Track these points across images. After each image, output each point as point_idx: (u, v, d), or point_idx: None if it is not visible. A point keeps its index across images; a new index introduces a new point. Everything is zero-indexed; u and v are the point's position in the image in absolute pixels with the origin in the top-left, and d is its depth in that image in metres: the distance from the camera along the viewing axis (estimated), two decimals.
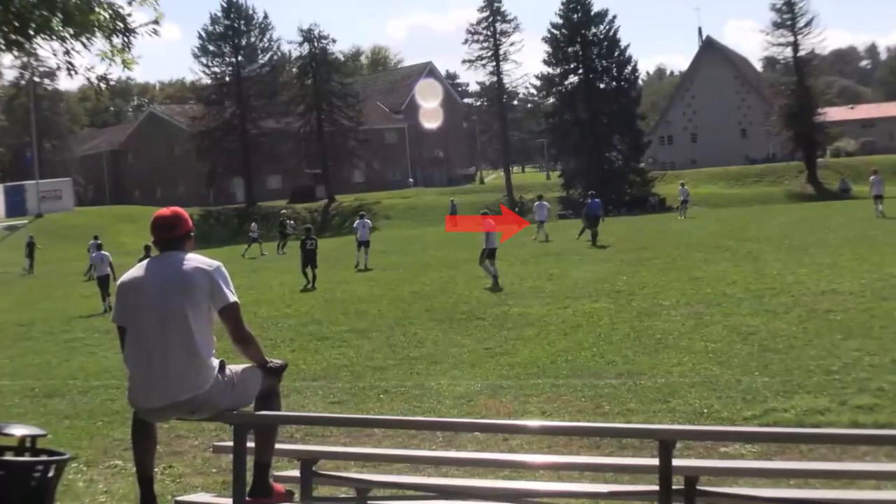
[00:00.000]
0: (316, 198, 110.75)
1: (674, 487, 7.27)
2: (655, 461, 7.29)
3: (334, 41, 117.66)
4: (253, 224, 71.02)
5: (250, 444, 8.26)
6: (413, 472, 10.27)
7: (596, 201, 52.62)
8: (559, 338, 21.77)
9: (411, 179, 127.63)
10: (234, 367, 8.18)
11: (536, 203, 57.75)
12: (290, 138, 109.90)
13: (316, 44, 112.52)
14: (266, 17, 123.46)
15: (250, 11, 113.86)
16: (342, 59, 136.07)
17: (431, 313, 26.98)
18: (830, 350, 18.23)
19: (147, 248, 36.20)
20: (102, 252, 39.07)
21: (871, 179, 56.14)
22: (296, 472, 9.08)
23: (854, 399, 14.43)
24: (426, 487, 8.91)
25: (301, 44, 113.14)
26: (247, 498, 8.12)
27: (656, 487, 7.21)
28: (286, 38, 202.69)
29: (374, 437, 13.49)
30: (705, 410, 14.35)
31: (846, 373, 16.21)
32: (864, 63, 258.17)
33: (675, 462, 7.34)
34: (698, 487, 7.72)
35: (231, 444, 8.27)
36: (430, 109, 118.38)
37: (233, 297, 7.99)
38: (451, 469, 10.85)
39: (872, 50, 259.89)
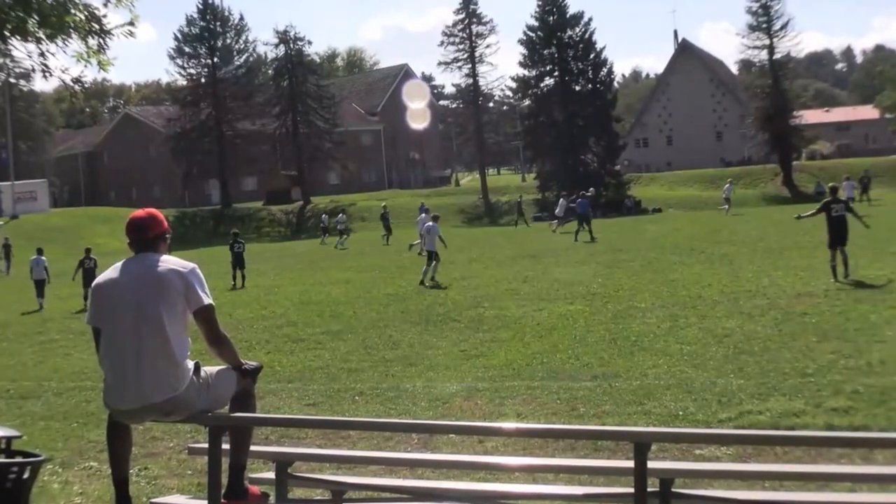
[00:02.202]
0: (291, 199, 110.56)
1: (649, 489, 7.30)
2: (631, 463, 7.31)
3: (310, 43, 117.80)
4: (338, 216, 71.29)
5: (225, 446, 8.26)
6: (388, 473, 10.28)
7: (584, 201, 53.84)
8: (535, 340, 21.79)
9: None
10: (209, 369, 8.18)
11: (561, 200, 58.99)
12: (265, 140, 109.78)
13: (292, 45, 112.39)
14: (242, 18, 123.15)
15: (226, 13, 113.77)
16: (318, 60, 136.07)
17: (407, 315, 26.98)
18: (805, 352, 18.29)
19: (87, 251, 36.92)
20: (41, 257, 39.47)
21: (843, 185, 56.56)
22: (271, 474, 9.08)
23: (829, 401, 14.48)
24: (401, 489, 8.92)
25: (277, 45, 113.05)
26: (222, 500, 8.12)
27: (631, 490, 7.23)
28: (262, 39, 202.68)
29: (349, 439, 13.49)
30: (680, 413, 14.38)
31: (821, 375, 16.27)
32: (839, 66, 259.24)
33: (651, 464, 7.36)
34: (673, 490, 7.75)
35: (206, 445, 8.27)
36: (417, 110, 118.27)
37: (207, 299, 7.98)
38: (426, 471, 10.86)
39: (848, 53, 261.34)
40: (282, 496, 8.75)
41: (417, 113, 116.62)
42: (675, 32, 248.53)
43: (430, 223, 36.95)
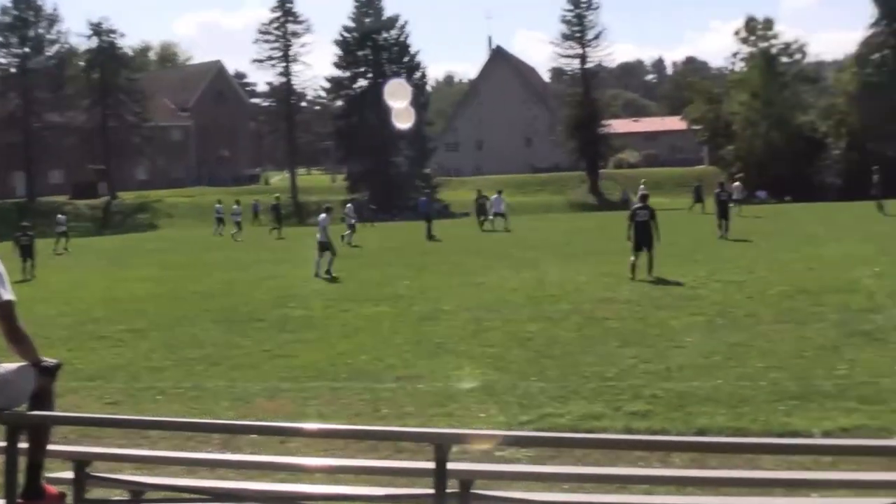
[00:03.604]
0: (98, 194, 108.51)
1: (449, 490, 7.38)
2: (431, 465, 7.38)
3: (123, 35, 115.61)
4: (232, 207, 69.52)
5: (23, 445, 8.12)
6: (188, 474, 10.21)
7: (423, 199, 54.83)
8: (339, 341, 21.83)
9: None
10: (6, 366, 8.02)
11: (494, 197, 58.60)
12: (73, 133, 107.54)
13: (104, 37, 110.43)
14: (56, 9, 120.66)
15: (39, 2, 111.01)
16: (131, 54, 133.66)
17: (212, 314, 26.77)
18: (606, 357, 18.67)
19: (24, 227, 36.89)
20: None
21: (640, 189, 57.89)
22: (69, 474, 8.94)
23: (628, 405, 14.83)
24: (201, 490, 8.88)
25: (89, 37, 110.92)
26: (18, 500, 7.97)
27: (432, 490, 7.31)
28: (75, 30, 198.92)
29: (149, 439, 13.35)
30: (482, 415, 14.56)
31: (621, 379, 16.63)
32: (650, 77, 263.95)
33: (450, 466, 7.44)
34: (473, 491, 7.85)
35: (3, 444, 8.12)
36: (400, 109, 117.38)
37: (7, 295, 7.82)
38: (226, 471, 10.81)
39: (659, 64, 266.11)
40: (80, 496, 8.63)
41: (401, 112, 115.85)
42: (490, 39, 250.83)
43: (323, 215, 37.45)
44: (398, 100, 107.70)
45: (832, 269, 29.74)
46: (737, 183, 64.94)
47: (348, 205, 53.51)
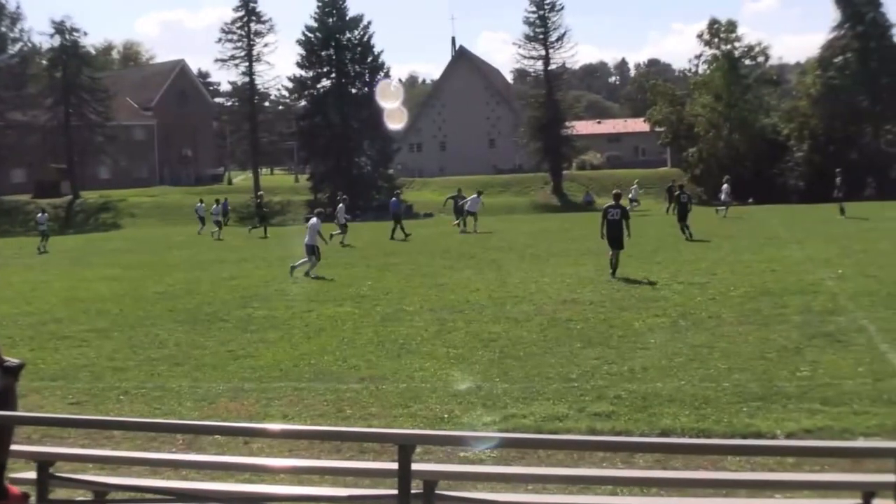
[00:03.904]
0: (61, 193, 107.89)
1: (413, 491, 7.39)
2: (395, 465, 7.39)
3: (86, 34, 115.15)
4: (213, 206, 68.34)
5: None
6: (152, 474, 10.19)
7: (393, 200, 55.15)
8: (303, 341, 21.81)
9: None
10: None
11: (473, 196, 58.14)
12: (36, 131, 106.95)
13: (67, 36, 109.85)
14: (18, 7, 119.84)
15: (2, 1, 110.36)
16: (93, 52, 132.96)
17: (175, 314, 26.68)
18: (570, 358, 18.72)
19: None
20: None
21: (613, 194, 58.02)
22: (32, 474, 8.91)
23: (592, 406, 14.87)
24: (165, 491, 8.86)
25: (52, 35, 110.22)
26: None
27: (396, 491, 7.31)
28: (38, 29, 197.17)
29: (112, 439, 13.31)
30: (446, 415, 14.58)
31: (585, 380, 16.68)
32: (613, 79, 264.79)
33: (415, 466, 7.46)
34: (437, 491, 7.86)
35: None
36: (392, 110, 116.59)
37: None
38: (190, 472, 10.79)
39: (622, 66, 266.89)
40: (43, 497, 8.60)
41: (393, 113, 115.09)
42: (453, 40, 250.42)
43: (314, 219, 37.11)
44: (389, 100, 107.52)
45: (795, 271, 29.91)
46: (725, 185, 65.47)
47: (340, 205, 52.95)
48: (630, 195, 66.10)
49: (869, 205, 62.62)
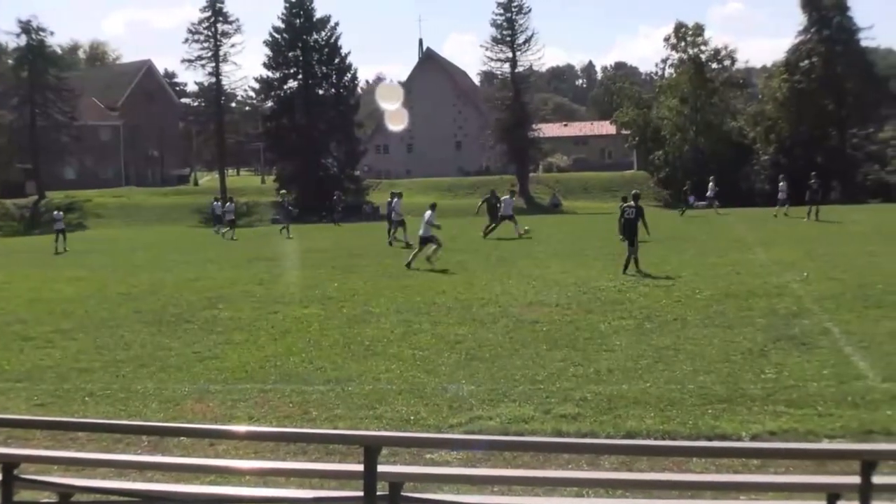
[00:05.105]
0: (26, 193, 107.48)
1: (379, 493, 7.40)
2: (361, 467, 7.40)
3: (52, 34, 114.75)
4: (226, 205, 67.02)
5: None
6: (118, 476, 10.16)
7: (389, 201, 55.09)
8: (268, 343, 21.79)
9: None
10: None
11: (506, 198, 57.33)
12: (1, 131, 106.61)
13: (34, 36, 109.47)
14: None
15: None
16: (60, 52, 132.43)
17: (140, 315, 26.58)
18: (536, 360, 18.77)
19: None
20: None
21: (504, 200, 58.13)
22: None
23: (557, 408, 14.92)
24: (130, 492, 8.84)
25: (19, 35, 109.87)
26: None
27: (361, 493, 7.32)
28: (4, 28, 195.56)
29: (78, 441, 13.27)
30: (412, 417, 14.60)
31: (550, 382, 16.73)
32: (580, 82, 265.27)
33: (381, 468, 7.47)
34: (402, 493, 7.86)
35: None
36: (393, 112, 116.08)
37: None
38: (156, 474, 10.76)
39: (589, 69, 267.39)
40: (7, 498, 8.56)
41: (395, 115, 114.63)
42: (421, 41, 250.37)
43: (428, 212, 37.76)
44: (390, 101, 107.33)
45: (759, 273, 30.02)
46: (711, 184, 66.33)
47: (395, 199, 51.08)
48: (709, 193, 67.42)
49: (834, 208, 62.85)
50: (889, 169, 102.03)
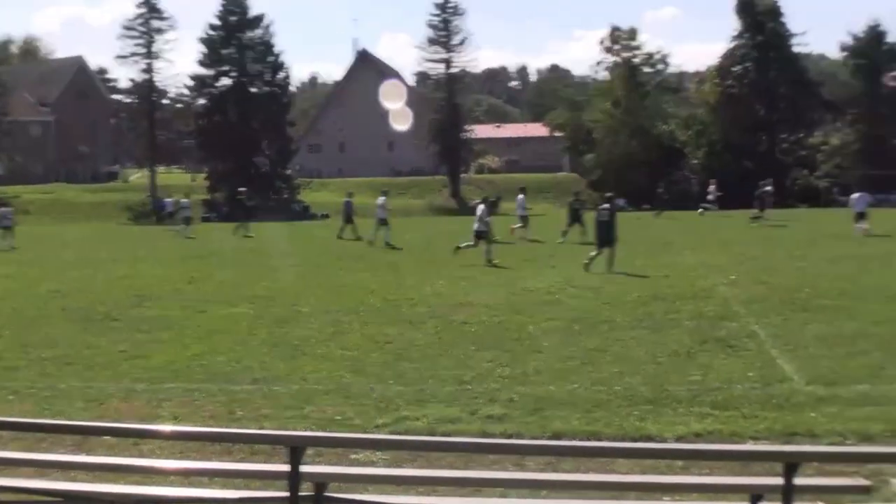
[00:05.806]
0: None
1: (303, 493, 7.39)
2: (286, 467, 7.38)
3: None
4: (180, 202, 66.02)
5: None
6: (40, 476, 10.07)
7: (347, 200, 54.95)
8: (195, 342, 21.67)
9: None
10: None
11: (520, 197, 56.29)
12: None
13: None
14: None
15: None
16: None
17: (68, 313, 26.36)
18: (464, 361, 18.82)
19: None
20: None
21: (518, 199, 57.94)
22: None
23: (484, 409, 14.96)
24: (53, 492, 8.77)
25: None
26: None
27: (286, 493, 7.31)
28: None
29: (0, 440, 13.12)
30: (338, 417, 14.59)
31: (478, 383, 16.77)
32: (514, 83, 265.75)
33: (305, 468, 7.46)
34: (327, 494, 7.86)
35: None
36: (397, 111, 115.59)
37: None
38: (79, 473, 10.67)
39: (523, 71, 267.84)
40: None
41: (398, 114, 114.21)
42: (355, 41, 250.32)
43: (482, 206, 39.02)
44: (394, 101, 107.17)
45: (688, 276, 30.24)
46: (712, 186, 66.89)
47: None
48: (709, 196, 67.84)
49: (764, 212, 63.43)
50: (818, 174, 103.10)
